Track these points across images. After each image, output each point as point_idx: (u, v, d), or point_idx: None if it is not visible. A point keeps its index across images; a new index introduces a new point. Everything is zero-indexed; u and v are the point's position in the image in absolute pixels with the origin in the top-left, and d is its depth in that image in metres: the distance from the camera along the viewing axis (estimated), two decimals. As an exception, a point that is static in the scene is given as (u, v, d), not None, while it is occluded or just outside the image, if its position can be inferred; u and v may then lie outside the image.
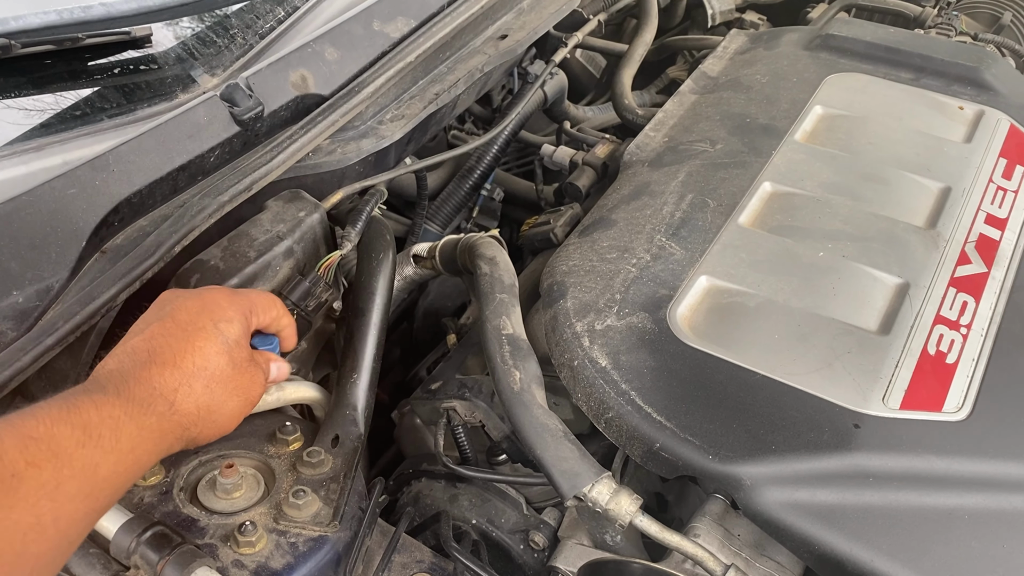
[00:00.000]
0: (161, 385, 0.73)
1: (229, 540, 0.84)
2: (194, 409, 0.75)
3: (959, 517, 0.82)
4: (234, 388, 0.79)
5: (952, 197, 1.12)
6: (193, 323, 0.77)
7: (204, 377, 0.76)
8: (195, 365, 0.75)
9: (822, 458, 0.84)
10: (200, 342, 0.76)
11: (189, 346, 0.76)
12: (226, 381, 0.78)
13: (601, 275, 1.05)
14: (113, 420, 0.67)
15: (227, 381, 0.78)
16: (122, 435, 0.67)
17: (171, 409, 0.73)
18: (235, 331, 0.80)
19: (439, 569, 0.93)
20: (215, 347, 0.77)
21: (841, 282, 1.01)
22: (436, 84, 1.25)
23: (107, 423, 0.67)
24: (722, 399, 0.90)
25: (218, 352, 0.77)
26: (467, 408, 1.05)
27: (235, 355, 0.79)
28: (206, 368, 0.76)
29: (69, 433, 0.64)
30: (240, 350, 0.80)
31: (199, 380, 0.75)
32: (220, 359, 0.77)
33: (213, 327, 0.78)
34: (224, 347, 0.78)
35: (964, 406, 0.89)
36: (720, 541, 0.89)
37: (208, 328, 0.78)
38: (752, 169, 1.17)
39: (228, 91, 1.04)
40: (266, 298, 0.88)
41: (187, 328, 0.77)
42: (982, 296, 1.00)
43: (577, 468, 0.89)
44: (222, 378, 0.77)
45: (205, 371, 0.76)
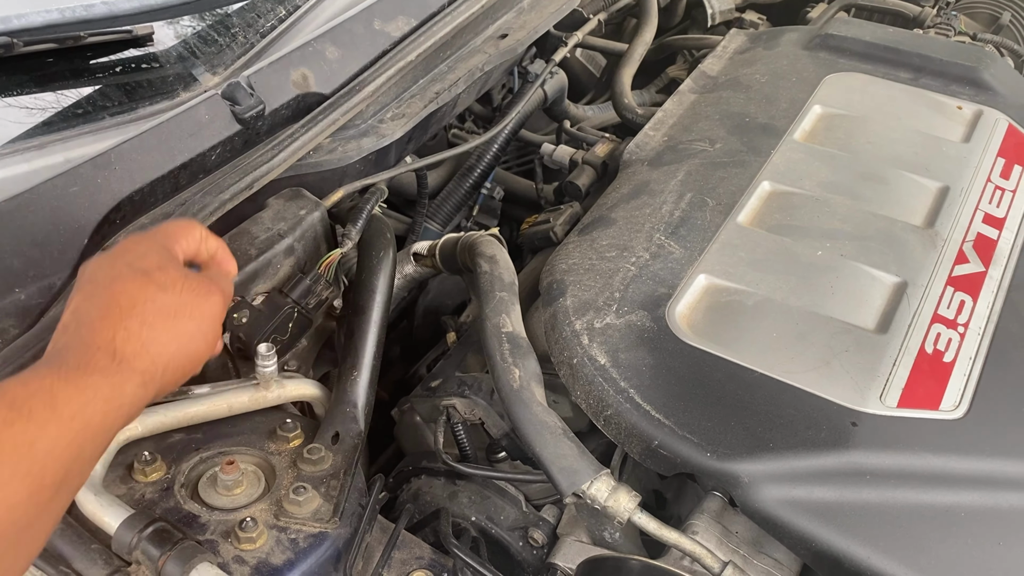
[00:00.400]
0: (94, 340, 0.67)
1: (230, 536, 0.84)
2: (141, 348, 0.69)
3: (956, 515, 0.83)
4: (178, 311, 0.72)
5: (950, 196, 1.13)
6: (107, 275, 0.72)
7: (138, 314, 0.70)
8: (122, 307, 0.70)
9: (820, 456, 0.85)
10: (119, 286, 0.71)
11: (110, 295, 0.70)
12: (166, 310, 0.72)
13: (600, 273, 1.05)
14: (44, 391, 0.62)
15: (168, 309, 0.72)
16: (58, 403, 0.62)
17: (114, 359, 0.67)
18: (153, 261, 0.74)
19: (438, 565, 0.94)
20: (137, 283, 0.71)
21: (839, 281, 1.02)
22: (436, 83, 1.25)
23: (37, 396, 0.62)
24: (720, 397, 0.90)
25: (142, 286, 0.71)
26: (467, 406, 1.06)
27: (163, 280, 0.73)
28: (134, 305, 0.70)
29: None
30: (167, 273, 0.74)
31: (133, 319, 0.69)
32: (147, 290, 0.71)
33: (127, 268, 0.73)
34: (147, 279, 0.72)
35: (961, 404, 0.90)
36: (718, 538, 0.90)
37: (123, 272, 0.72)
38: (751, 168, 1.17)
39: (229, 89, 1.05)
40: (178, 223, 0.82)
41: (103, 282, 0.72)
42: (979, 295, 1.01)
43: (576, 465, 0.89)
44: (160, 308, 0.71)
45: (135, 308, 0.70)
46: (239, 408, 0.97)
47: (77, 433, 0.63)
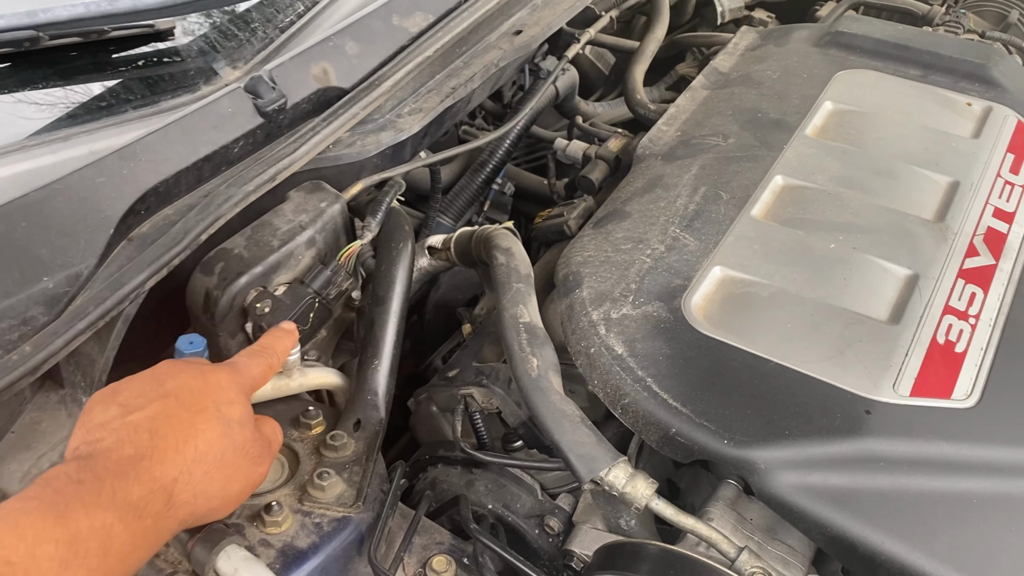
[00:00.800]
0: (161, 475, 0.68)
1: (255, 520, 0.86)
2: (191, 498, 0.71)
3: (968, 501, 0.84)
4: (234, 472, 0.75)
5: (960, 191, 1.14)
6: (196, 404, 0.74)
7: (205, 463, 0.72)
8: (197, 451, 0.72)
9: (834, 443, 0.86)
10: (202, 424, 0.73)
11: (192, 429, 0.72)
12: (227, 466, 0.74)
13: (616, 265, 1.07)
14: (104, 531, 0.63)
15: (228, 466, 0.74)
16: (112, 548, 0.63)
17: (168, 505, 0.69)
18: (237, 412, 0.77)
19: (458, 550, 0.96)
20: (217, 430, 0.74)
21: (852, 273, 1.03)
22: (453, 78, 1.27)
23: (97, 535, 0.62)
24: (736, 386, 0.92)
25: (220, 435, 0.74)
26: (484, 395, 1.07)
27: (237, 438, 0.76)
28: (208, 453, 0.72)
29: (52, 552, 0.60)
30: (243, 431, 0.77)
31: (200, 467, 0.71)
32: (222, 443, 0.74)
33: (216, 409, 0.75)
34: (226, 430, 0.75)
35: (973, 394, 0.91)
36: (733, 525, 0.91)
37: (211, 410, 0.74)
38: (764, 163, 1.19)
39: (252, 83, 1.06)
40: (257, 359, 0.86)
41: (190, 408, 0.73)
42: (990, 287, 1.02)
43: (594, 452, 0.91)
44: (223, 463, 0.74)
45: (207, 456, 0.72)
46: (262, 396, 0.99)
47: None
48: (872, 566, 0.83)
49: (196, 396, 0.74)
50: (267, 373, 0.86)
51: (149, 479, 0.67)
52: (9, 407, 0.92)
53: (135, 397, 0.74)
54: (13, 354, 0.84)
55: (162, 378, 0.76)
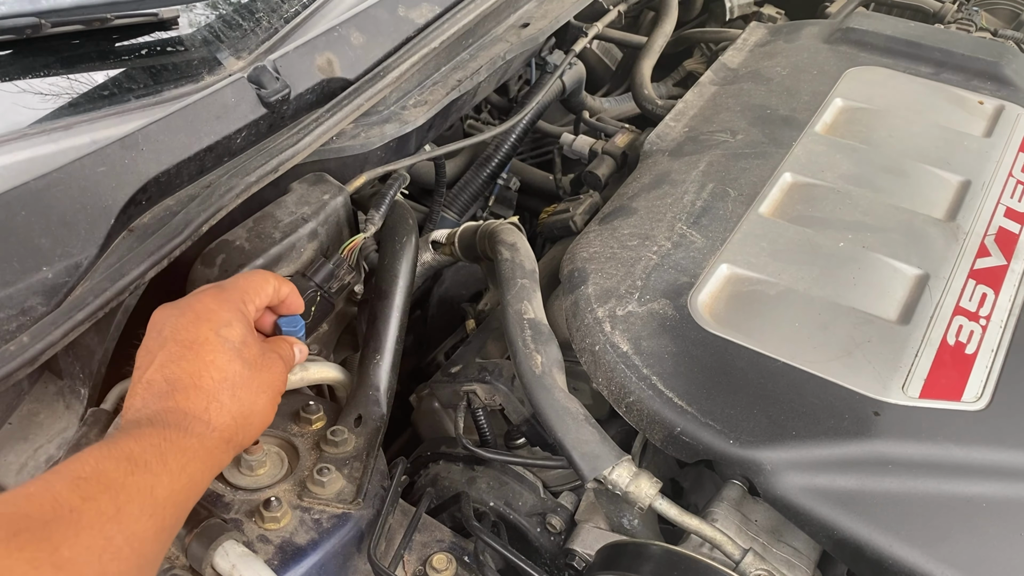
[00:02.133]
0: (191, 408, 0.73)
1: (254, 515, 0.85)
2: (230, 420, 0.76)
3: (977, 505, 0.83)
4: (258, 387, 0.79)
5: (972, 190, 1.13)
6: (195, 339, 0.77)
7: (228, 388, 0.76)
8: (214, 380, 0.76)
9: (842, 444, 0.85)
10: (210, 355, 0.76)
11: (201, 363, 0.76)
12: (248, 383, 0.78)
13: (622, 262, 1.06)
14: (155, 447, 0.69)
15: (249, 383, 0.78)
16: (168, 458, 0.69)
17: (209, 428, 0.74)
18: (237, 332, 0.80)
19: (459, 548, 0.94)
20: (225, 355, 0.77)
21: (861, 272, 1.02)
22: (459, 71, 1.25)
23: (149, 451, 0.68)
24: (743, 385, 0.91)
25: (230, 359, 0.77)
26: (487, 391, 1.06)
27: (247, 355, 0.79)
28: (226, 379, 0.76)
29: (115, 466, 0.65)
30: (250, 348, 0.80)
31: (224, 392, 0.76)
32: (235, 365, 0.77)
33: (216, 336, 0.78)
34: (234, 352, 0.78)
35: (983, 396, 0.90)
36: (738, 526, 0.90)
37: (212, 339, 0.77)
38: (773, 160, 1.17)
39: (256, 73, 1.05)
40: (253, 279, 0.87)
41: (192, 346, 0.76)
42: (1001, 288, 1.01)
43: (598, 451, 0.90)
44: (244, 382, 0.78)
45: (226, 382, 0.76)
46: (263, 390, 0.98)
47: (184, 485, 0.70)
48: (879, 570, 0.81)
49: (192, 331, 0.77)
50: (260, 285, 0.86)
51: (180, 412, 0.73)
52: (6, 398, 0.91)
53: (143, 355, 0.78)
54: (11, 344, 0.83)
55: (159, 327, 0.79)
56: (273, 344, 0.86)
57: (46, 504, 0.61)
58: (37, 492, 0.62)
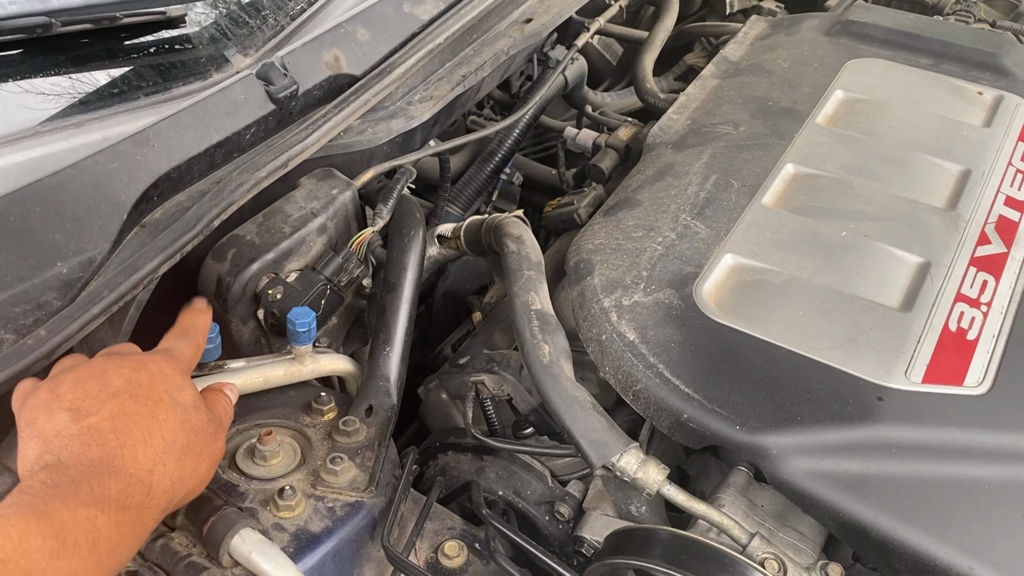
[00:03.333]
0: (136, 470, 0.70)
1: (269, 504, 0.87)
2: (169, 487, 0.73)
3: (980, 487, 0.84)
4: (200, 453, 0.77)
5: (972, 179, 1.14)
6: (150, 396, 0.75)
7: (175, 452, 0.73)
8: (164, 440, 0.73)
9: (847, 429, 0.86)
10: (163, 415, 0.74)
11: (154, 422, 0.73)
12: (193, 449, 0.76)
13: (627, 253, 1.07)
14: (89, 522, 0.64)
15: (194, 449, 0.76)
16: (100, 537, 0.65)
17: (148, 495, 0.70)
18: (189, 397, 0.78)
19: (469, 536, 0.96)
20: (177, 418, 0.75)
21: (863, 261, 1.03)
22: (463, 66, 1.27)
23: (83, 526, 0.64)
24: (748, 372, 0.92)
25: (181, 422, 0.75)
26: (495, 381, 1.08)
27: (195, 422, 0.77)
28: (174, 442, 0.74)
29: (40, 545, 0.61)
30: (199, 414, 0.78)
31: (171, 456, 0.73)
32: (184, 429, 0.75)
33: (169, 398, 0.76)
34: (184, 416, 0.76)
35: (985, 381, 0.91)
36: (744, 511, 0.91)
37: (165, 400, 0.75)
38: (775, 151, 1.19)
39: (264, 70, 1.06)
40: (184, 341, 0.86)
41: (146, 401, 0.74)
42: (1002, 275, 1.02)
43: (606, 438, 0.91)
44: (189, 448, 0.75)
45: (174, 445, 0.74)
46: (275, 381, 0.99)
47: (110, 567, 0.66)
48: (884, 552, 0.83)
49: (147, 389, 0.75)
50: (197, 353, 0.87)
51: (125, 475, 0.69)
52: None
53: (84, 400, 0.73)
54: (28, 338, 0.84)
55: (106, 376, 0.75)
56: (212, 404, 0.84)
57: None
58: None
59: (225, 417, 0.85)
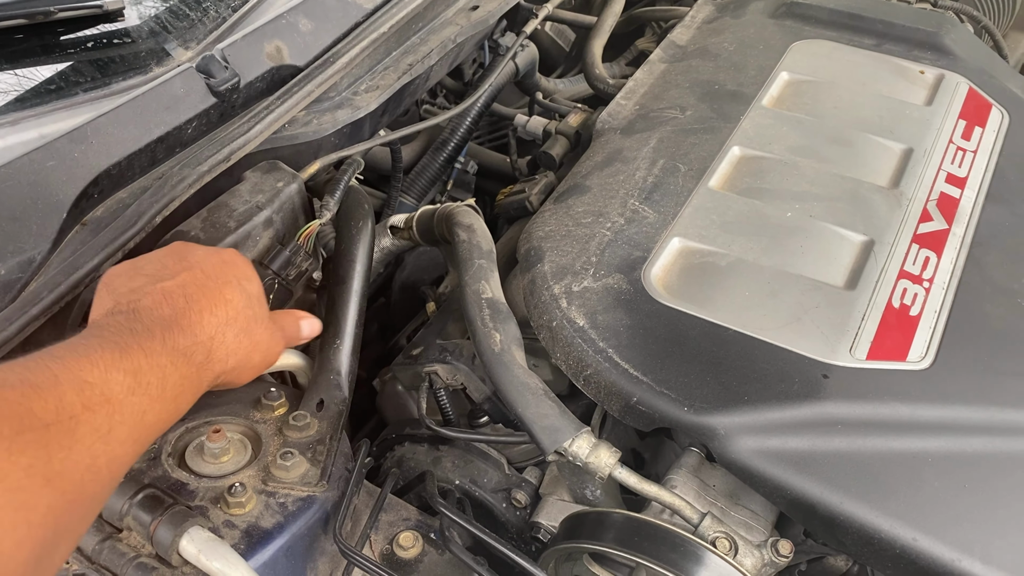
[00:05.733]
0: (201, 333, 0.75)
1: (219, 502, 0.86)
2: (225, 357, 0.77)
3: (924, 460, 0.86)
4: (257, 343, 0.81)
5: (914, 158, 1.16)
6: (220, 275, 0.80)
7: (235, 327, 0.78)
8: (227, 315, 0.78)
9: (793, 407, 0.87)
10: (229, 294, 0.79)
11: (220, 296, 0.78)
12: (251, 334, 0.80)
13: (577, 239, 1.07)
14: (160, 368, 0.69)
15: (252, 334, 0.80)
16: (168, 384, 0.70)
17: (208, 358, 0.75)
18: (255, 288, 0.83)
19: (425, 526, 0.96)
20: (241, 300, 0.80)
21: (809, 241, 1.04)
22: (409, 55, 1.26)
23: (155, 371, 0.69)
24: (696, 354, 0.93)
25: (244, 305, 0.80)
26: (448, 371, 1.08)
27: (257, 310, 0.82)
28: (236, 319, 0.78)
29: (121, 379, 0.66)
30: (261, 307, 0.83)
31: (231, 329, 0.78)
32: (247, 312, 0.80)
33: (237, 283, 0.81)
34: (248, 301, 0.81)
35: (927, 356, 0.93)
36: (696, 491, 0.92)
37: (233, 283, 0.80)
38: (721, 134, 1.20)
39: (204, 63, 1.05)
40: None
41: (216, 279, 0.79)
42: (943, 251, 1.04)
43: (558, 424, 0.91)
44: (248, 330, 0.80)
45: (236, 322, 0.78)
46: (223, 378, 0.98)
47: (172, 412, 0.72)
48: (831, 527, 0.84)
49: (220, 268, 0.80)
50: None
51: (191, 333, 0.74)
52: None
53: (160, 269, 0.79)
54: (-35, 341, 0.82)
55: (183, 253, 0.82)
56: (279, 316, 0.89)
57: (50, 404, 0.60)
58: (44, 386, 0.61)
59: (289, 331, 0.90)
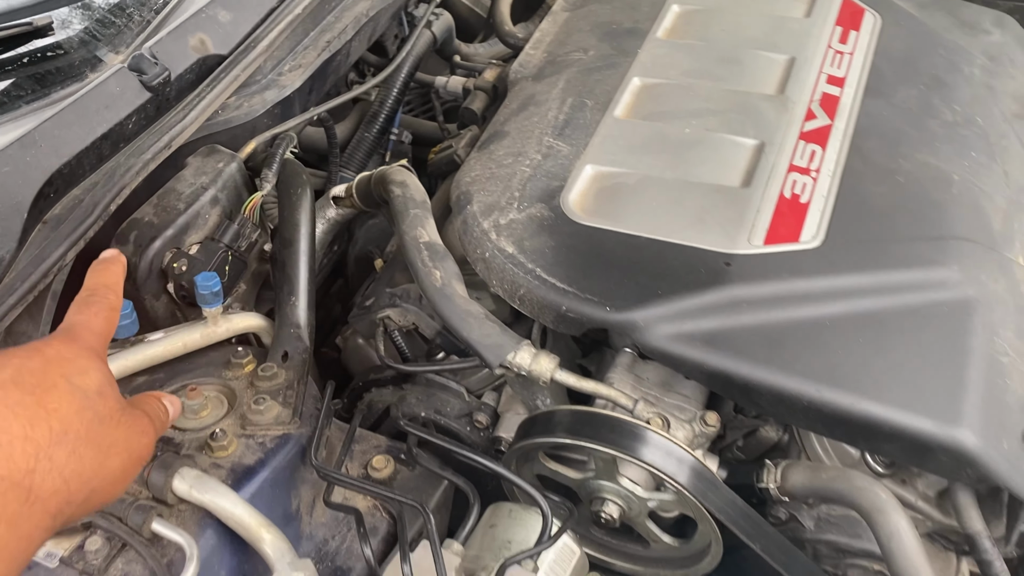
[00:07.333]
0: (9, 468, 0.58)
1: (204, 449, 0.95)
2: (61, 484, 0.60)
3: (822, 325, 0.97)
4: (111, 446, 0.65)
5: (797, 65, 1.27)
6: (40, 382, 0.62)
7: (67, 443, 0.61)
8: (52, 431, 0.61)
9: (701, 294, 0.98)
10: (54, 403, 0.62)
11: (41, 411, 0.61)
12: (97, 440, 0.64)
13: (500, 179, 1.17)
14: None
15: (98, 439, 0.64)
16: None
17: (27, 500, 0.58)
18: (93, 381, 0.66)
19: (395, 450, 1.06)
20: (73, 405, 0.63)
21: (706, 151, 1.15)
22: (327, 33, 1.35)
23: None
24: (614, 262, 1.03)
25: (79, 410, 0.63)
26: (400, 314, 1.17)
27: (100, 409, 0.65)
28: (66, 433, 0.61)
29: None
30: (107, 401, 0.66)
31: (61, 448, 0.61)
32: (82, 417, 0.63)
33: (66, 383, 0.64)
34: (84, 402, 0.64)
35: (819, 235, 1.04)
36: (632, 385, 1.03)
37: (61, 385, 0.63)
38: (622, 68, 1.30)
39: (135, 61, 1.13)
40: (92, 310, 0.73)
41: (34, 391, 0.62)
42: (828, 144, 1.15)
43: (500, 341, 1.02)
44: (91, 439, 0.63)
45: (67, 436, 0.61)
46: (193, 345, 1.07)
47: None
48: (747, 393, 0.96)
49: (39, 376, 0.63)
50: (110, 317, 0.74)
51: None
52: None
53: None
54: (-50, 336, 0.91)
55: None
56: (140, 401, 0.74)
57: None
58: None
59: (155, 416, 0.74)
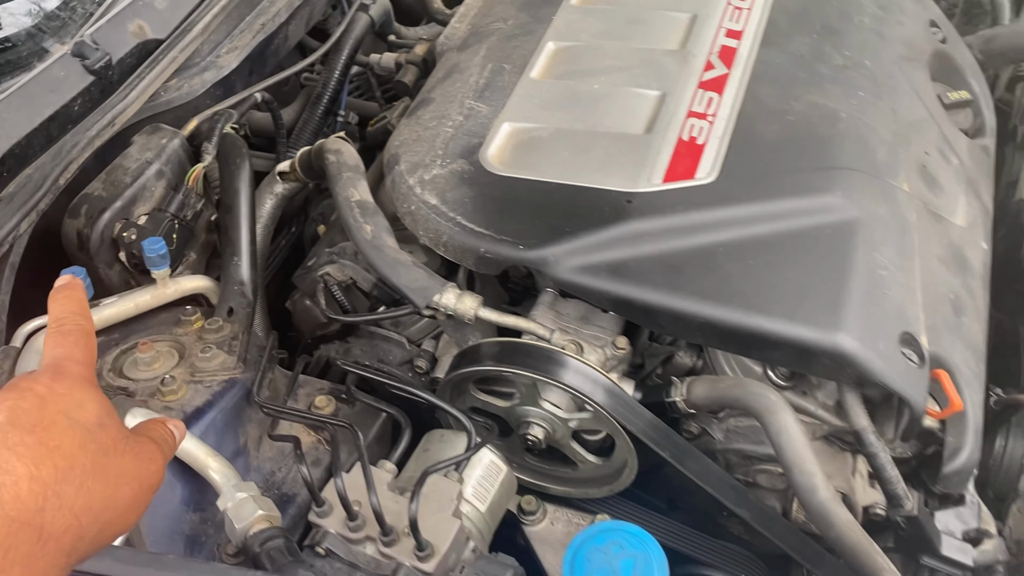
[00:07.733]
0: (19, 510, 0.57)
1: (155, 394, 1.04)
2: (72, 520, 0.60)
3: (716, 251, 1.07)
4: (118, 476, 0.65)
5: (698, 21, 1.36)
6: (39, 422, 0.63)
7: (74, 478, 0.61)
8: (57, 468, 0.61)
9: (604, 230, 1.07)
10: (55, 440, 0.62)
11: (44, 450, 0.61)
12: (103, 472, 0.64)
13: (425, 140, 1.26)
14: None
15: (105, 472, 0.64)
16: None
17: (39, 540, 0.58)
18: (92, 413, 0.66)
19: (337, 391, 1.15)
20: (76, 440, 0.63)
21: (613, 104, 1.24)
22: (262, 16, 1.43)
23: None
24: (527, 207, 1.13)
25: (81, 444, 0.63)
26: (338, 269, 1.26)
27: (103, 440, 0.65)
28: (73, 468, 0.62)
29: None
30: (108, 431, 0.66)
31: (69, 484, 0.61)
32: (86, 451, 0.63)
33: (65, 419, 0.64)
34: (87, 436, 0.64)
35: (713, 172, 1.14)
36: (552, 319, 1.12)
37: (59, 421, 0.63)
38: (538, 34, 1.39)
39: (77, 48, 1.21)
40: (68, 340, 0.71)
41: (33, 430, 0.62)
42: (724, 91, 1.24)
43: (426, 284, 1.11)
44: (97, 471, 0.63)
45: (73, 471, 0.61)
46: (145, 306, 1.16)
47: None
48: (650, 315, 1.05)
49: (36, 415, 0.63)
50: (89, 343, 0.73)
51: (4, 522, 0.57)
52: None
53: None
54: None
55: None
56: (145, 428, 0.74)
57: None
58: None
59: (162, 442, 0.73)
